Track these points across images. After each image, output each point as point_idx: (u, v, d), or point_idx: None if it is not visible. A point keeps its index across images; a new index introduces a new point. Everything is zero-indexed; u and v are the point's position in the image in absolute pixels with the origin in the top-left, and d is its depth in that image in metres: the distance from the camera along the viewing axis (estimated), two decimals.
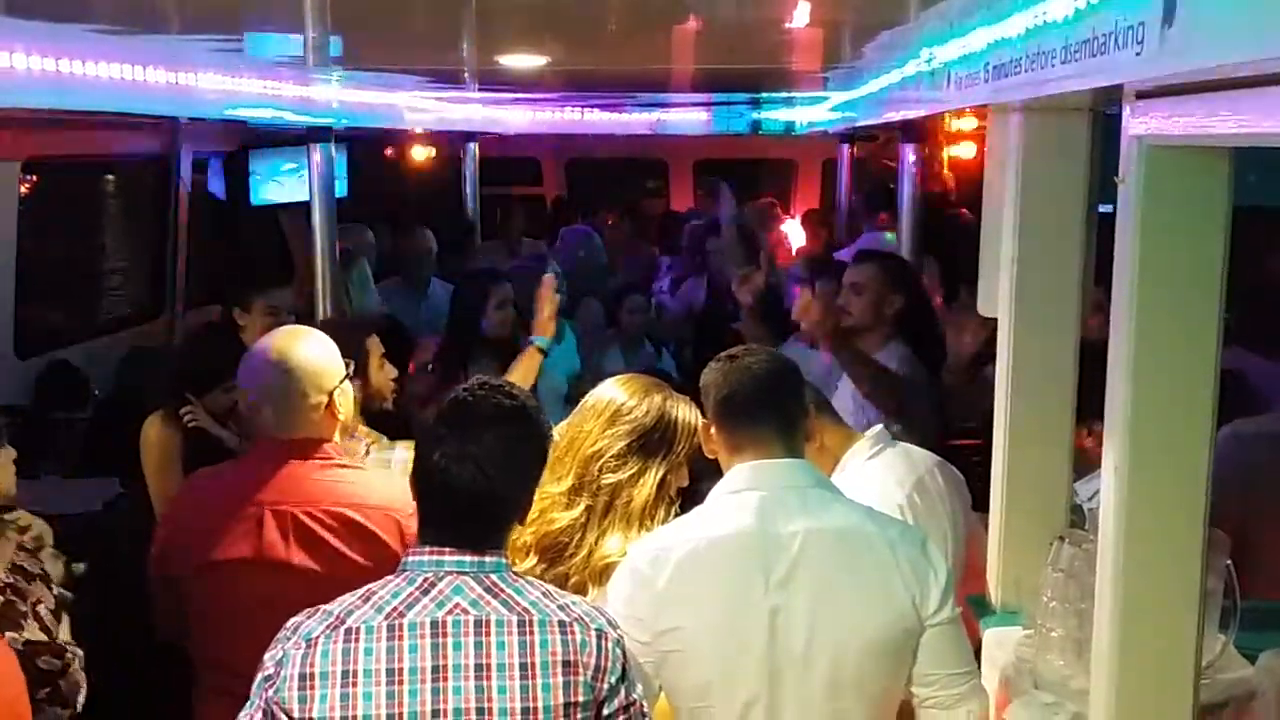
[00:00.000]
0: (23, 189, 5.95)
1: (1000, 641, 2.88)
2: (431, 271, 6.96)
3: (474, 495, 2.09)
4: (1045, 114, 2.83)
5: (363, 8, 3.69)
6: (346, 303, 6.12)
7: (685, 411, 2.85)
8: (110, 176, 7.26)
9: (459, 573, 2.08)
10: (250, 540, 2.80)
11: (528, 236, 8.78)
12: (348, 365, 3.16)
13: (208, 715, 2.87)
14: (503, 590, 2.08)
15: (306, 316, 4.96)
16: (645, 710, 2.17)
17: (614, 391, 2.88)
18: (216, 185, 8.03)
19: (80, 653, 2.93)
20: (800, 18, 3.87)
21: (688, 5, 3.74)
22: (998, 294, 3.06)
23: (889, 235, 6.67)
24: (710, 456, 2.59)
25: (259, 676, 2.05)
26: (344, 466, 2.93)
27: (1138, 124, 2.08)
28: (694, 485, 2.86)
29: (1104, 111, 2.84)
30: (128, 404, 5.08)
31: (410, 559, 2.12)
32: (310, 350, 2.98)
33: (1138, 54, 1.71)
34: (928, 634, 2.38)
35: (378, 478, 3.03)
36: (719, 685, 2.34)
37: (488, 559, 2.11)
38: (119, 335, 6.66)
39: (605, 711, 2.08)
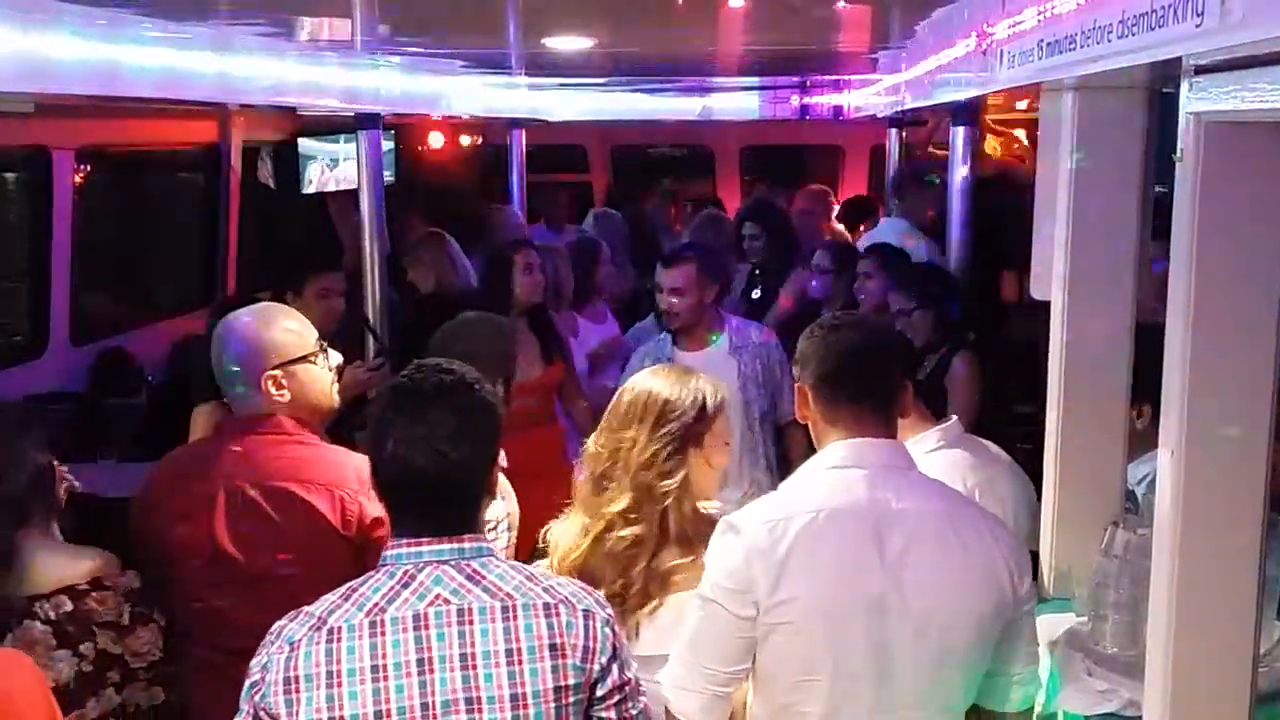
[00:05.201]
0: (76, 178, 6.02)
1: (1052, 627, 2.84)
2: None
3: (434, 476, 2.06)
4: (1099, 93, 2.78)
5: None
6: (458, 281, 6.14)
7: (714, 392, 2.81)
8: (162, 165, 7.34)
9: (439, 562, 2.05)
10: (204, 517, 2.84)
11: (571, 223, 8.78)
12: (505, 370, 3.31)
13: (196, 682, 2.88)
14: (484, 577, 2.06)
15: (356, 299, 4.99)
16: (641, 689, 2.15)
17: (649, 385, 2.82)
18: (266, 173, 8.09)
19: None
20: None
21: None
22: (1050, 278, 3.01)
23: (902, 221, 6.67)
24: (802, 422, 2.54)
25: (247, 683, 2.04)
26: (300, 443, 2.92)
27: (1196, 100, 2.03)
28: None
29: (1160, 89, 2.79)
30: (180, 390, 5.13)
31: (389, 552, 2.09)
32: (253, 329, 2.96)
33: (1198, 26, 1.67)
34: (1022, 612, 2.38)
35: (330, 454, 2.97)
36: (828, 658, 2.31)
37: (467, 545, 2.08)
38: (171, 322, 6.74)
39: (599, 692, 2.06)
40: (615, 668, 2.08)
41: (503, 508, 3.18)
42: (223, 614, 2.81)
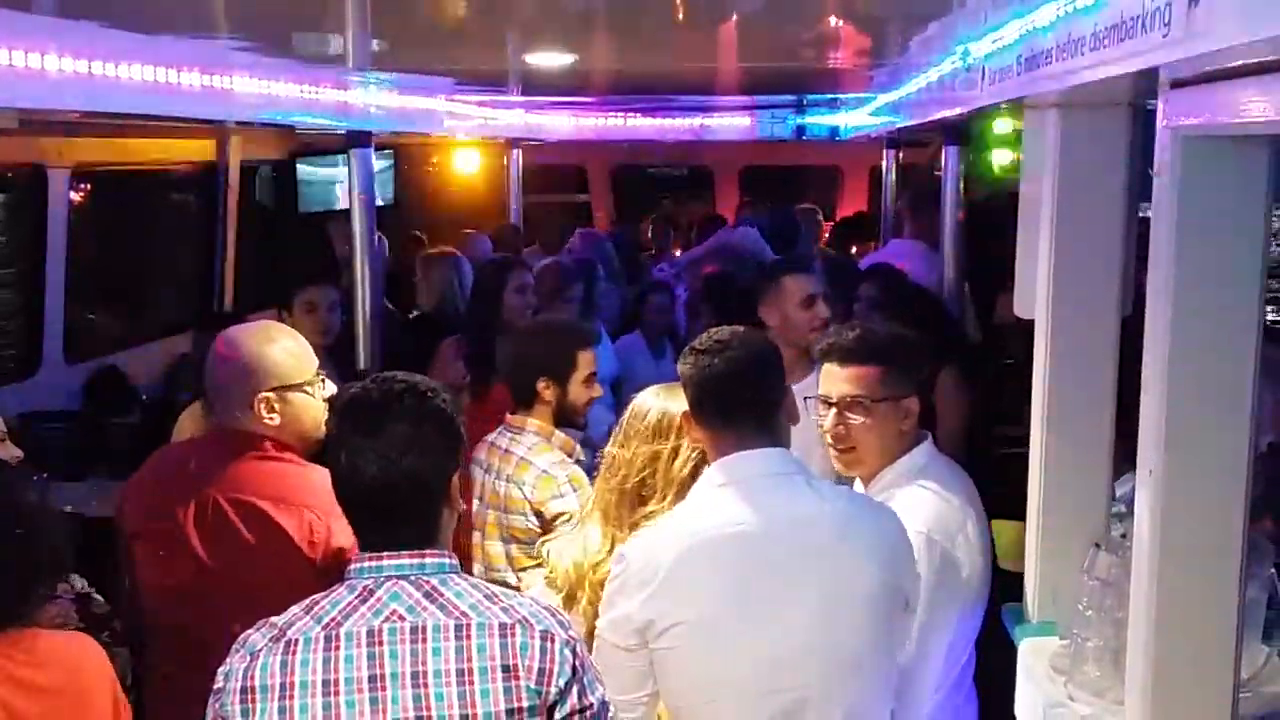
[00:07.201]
0: (73, 196, 6.03)
1: (1036, 652, 2.79)
2: None
3: (386, 488, 2.04)
4: (1081, 110, 2.76)
5: (404, 10, 3.69)
6: (460, 303, 6.11)
7: None
8: (159, 184, 7.35)
9: (398, 578, 2.04)
10: (170, 518, 2.83)
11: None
12: (548, 370, 3.47)
13: (163, 695, 2.91)
14: (441, 594, 2.04)
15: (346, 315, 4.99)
16: (610, 712, 2.12)
17: (682, 405, 2.78)
18: (264, 193, 8.11)
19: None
20: (842, 14, 3.82)
21: (730, 4, 3.69)
22: (1034, 296, 2.97)
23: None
24: (695, 446, 2.59)
25: (212, 690, 2.04)
26: (277, 460, 2.89)
27: (1173, 114, 2.01)
28: None
29: (1144, 106, 2.76)
30: (175, 409, 5.12)
31: (353, 566, 2.08)
32: (253, 348, 2.93)
33: (1164, 36, 1.65)
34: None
35: (308, 475, 2.89)
36: (720, 677, 2.32)
37: (428, 560, 2.06)
38: (166, 341, 6.73)
39: (557, 716, 2.03)
40: (575, 691, 2.04)
41: (575, 501, 3.30)
42: (185, 628, 2.80)
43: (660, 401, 2.83)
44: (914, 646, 2.64)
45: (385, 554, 2.06)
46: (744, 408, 2.44)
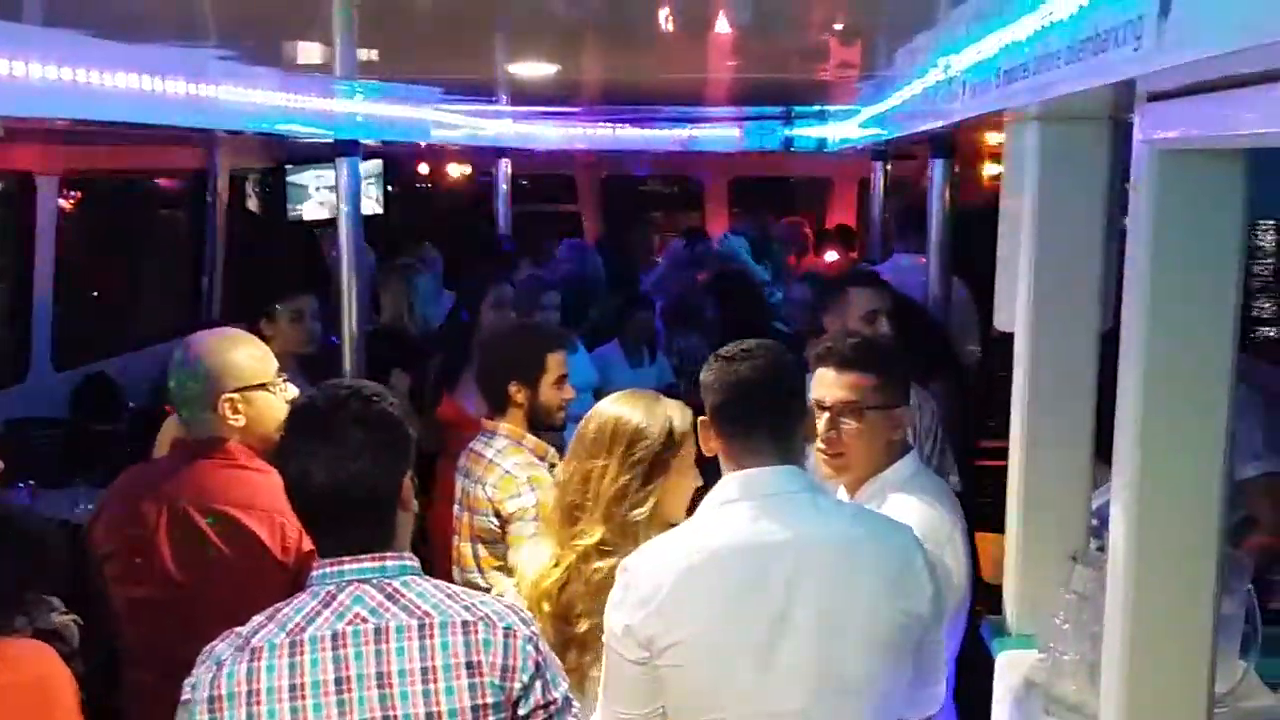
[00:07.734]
0: (62, 203, 6.03)
1: (1013, 664, 2.79)
2: None
3: (337, 493, 2.05)
4: (1061, 123, 2.77)
5: (391, 19, 3.69)
6: (408, 313, 6.08)
7: (682, 417, 2.81)
8: (148, 191, 7.36)
9: (360, 581, 2.05)
10: (146, 536, 2.84)
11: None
12: (517, 373, 3.50)
13: (133, 705, 2.93)
14: (403, 595, 2.05)
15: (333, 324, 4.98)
16: (574, 708, 2.13)
17: (618, 412, 2.81)
18: (253, 201, 8.12)
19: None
20: (828, 25, 3.83)
21: (717, 15, 3.70)
22: (1014, 309, 2.98)
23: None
24: (709, 454, 2.54)
25: (180, 703, 2.05)
26: (244, 468, 2.90)
27: (1149, 128, 2.01)
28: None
29: (1125, 120, 2.77)
30: (162, 416, 5.11)
31: (314, 573, 2.09)
32: (216, 351, 2.95)
33: (1136, 49, 1.66)
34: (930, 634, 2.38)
35: (278, 480, 2.81)
36: (724, 698, 2.30)
37: (389, 563, 2.08)
38: (155, 348, 6.72)
39: (521, 711, 2.04)
40: (538, 686, 2.06)
41: (532, 499, 3.33)
42: (159, 636, 2.80)
43: (610, 410, 2.83)
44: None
45: (346, 559, 2.07)
46: (763, 416, 2.41)
